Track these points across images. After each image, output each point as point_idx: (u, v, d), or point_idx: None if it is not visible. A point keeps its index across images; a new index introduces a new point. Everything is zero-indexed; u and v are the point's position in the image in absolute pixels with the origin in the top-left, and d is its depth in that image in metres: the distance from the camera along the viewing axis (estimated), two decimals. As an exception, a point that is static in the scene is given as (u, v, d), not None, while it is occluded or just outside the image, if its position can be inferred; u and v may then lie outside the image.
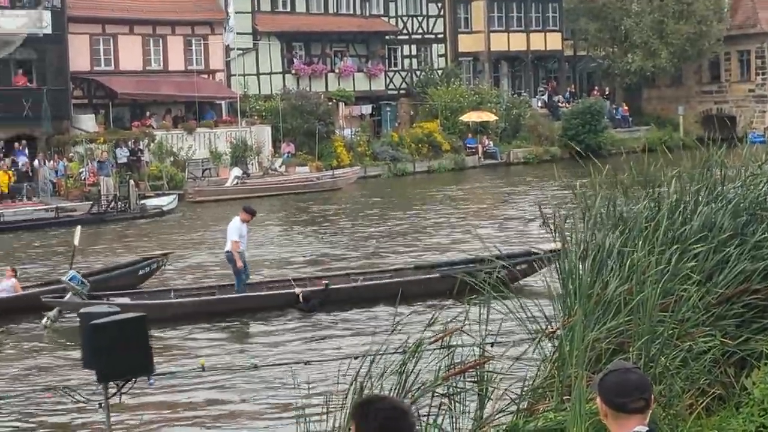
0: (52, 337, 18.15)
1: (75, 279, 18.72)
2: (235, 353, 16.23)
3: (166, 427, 12.51)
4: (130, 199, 36.84)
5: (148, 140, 43.96)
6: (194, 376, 13.87)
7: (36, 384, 14.38)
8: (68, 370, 15.27)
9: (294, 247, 27.76)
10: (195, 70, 47.69)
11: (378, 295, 18.99)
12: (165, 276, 23.21)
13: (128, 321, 8.56)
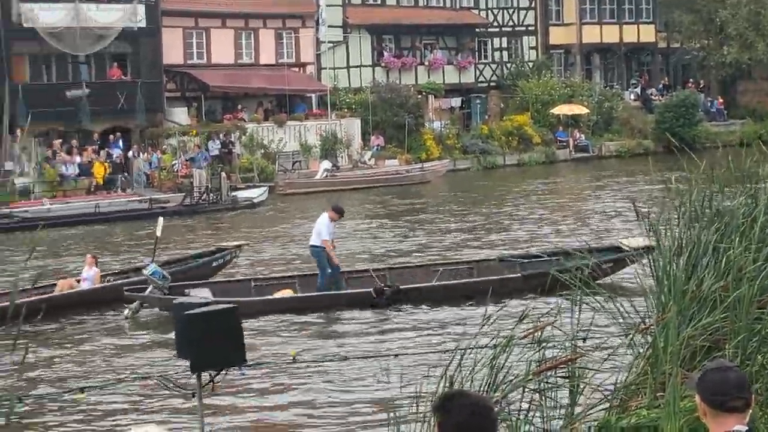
0: (134, 327, 18.36)
1: (156, 273, 18.71)
2: (325, 344, 16.30)
3: (258, 416, 12.61)
4: (221, 191, 37.29)
5: (240, 133, 44.41)
6: (285, 366, 13.97)
7: (131, 373, 14.60)
8: (155, 360, 15.48)
9: (379, 239, 27.79)
10: (286, 63, 48.02)
11: (459, 289, 18.87)
12: (250, 268, 23.40)
13: (221, 312, 8.65)
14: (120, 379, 13.84)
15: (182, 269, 20.79)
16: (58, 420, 12.63)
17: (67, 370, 15.22)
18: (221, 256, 22.22)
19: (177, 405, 12.64)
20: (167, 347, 16.23)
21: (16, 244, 28.82)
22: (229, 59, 47.08)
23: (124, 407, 13.10)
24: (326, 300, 18.76)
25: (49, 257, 25.33)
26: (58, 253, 26.92)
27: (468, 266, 20.54)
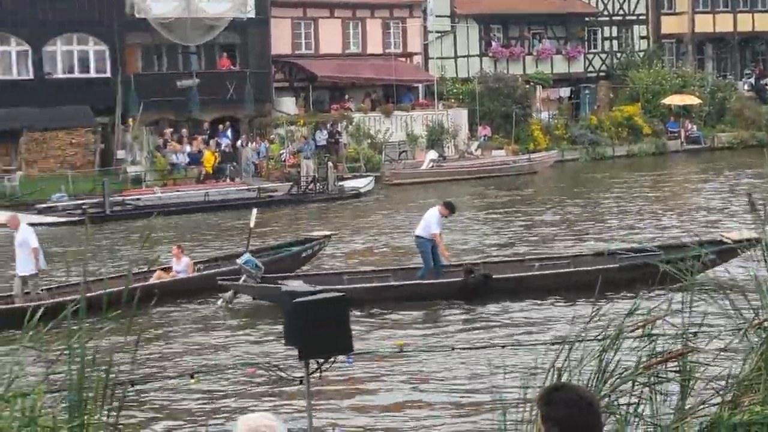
0: (230, 316, 18.48)
1: (250, 263, 18.70)
2: (429, 335, 16.29)
3: (364, 405, 12.67)
4: (328, 180, 37.53)
5: (347, 123, 44.64)
6: (392, 356, 14.01)
7: (234, 360, 14.78)
8: (254, 348, 15.64)
9: (479, 231, 27.63)
10: (393, 53, 48.09)
11: (556, 282, 18.63)
12: (350, 258, 23.49)
13: (330, 300, 8.69)
14: (229, 366, 14.03)
15: (271, 259, 20.67)
16: (168, 405, 12.85)
17: (170, 357, 15.47)
18: (310, 246, 22.23)
19: (284, 392, 12.76)
20: (265, 335, 16.42)
21: (128, 232, 29.40)
22: (337, 49, 47.34)
23: (231, 394, 13.27)
24: (420, 289, 18.66)
25: (157, 245, 25.75)
26: (165, 240, 27.36)
27: (565, 260, 20.26)
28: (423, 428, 11.83)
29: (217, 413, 12.13)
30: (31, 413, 7.60)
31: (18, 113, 39.28)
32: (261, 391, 13.16)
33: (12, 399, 7.66)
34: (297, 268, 21.33)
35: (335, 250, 25.04)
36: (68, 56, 41.69)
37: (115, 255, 24.78)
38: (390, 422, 12.04)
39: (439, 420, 12.04)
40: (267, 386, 13.20)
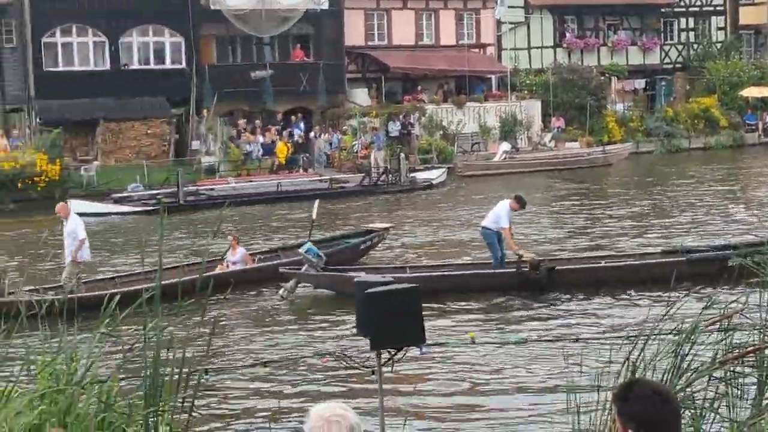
0: (291, 306, 18.48)
1: (311, 252, 18.63)
2: (501, 328, 16.22)
3: (436, 395, 12.65)
4: (400, 172, 37.50)
5: (419, 114, 44.61)
6: (464, 348, 13.97)
7: (308, 349, 14.85)
8: (319, 338, 15.69)
9: (549, 225, 27.41)
10: (466, 44, 47.93)
11: (622, 277, 18.34)
12: (417, 249, 23.43)
13: (402, 291, 8.67)
14: (301, 355, 14.10)
15: (330, 251, 20.49)
16: (240, 394, 12.95)
17: (241, 346, 15.58)
18: (369, 238, 22.18)
19: (355, 382, 12.79)
20: (336, 325, 16.46)
21: (201, 221, 29.67)
22: (410, 40, 47.31)
23: (303, 383, 13.34)
24: (483, 280, 18.48)
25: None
26: (236, 229, 27.57)
27: (632, 259, 19.82)
28: (494, 421, 11.78)
29: (289, 402, 12.19)
30: (107, 400, 7.70)
31: (95, 104, 39.86)
32: (333, 381, 13.20)
33: (89, 386, 7.76)
34: (356, 259, 21.33)
35: (403, 240, 25.06)
36: (144, 47, 42.19)
37: (186, 244, 25.02)
38: (461, 414, 12.02)
39: (511, 413, 11.99)
40: (339, 376, 13.24)
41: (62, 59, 40.83)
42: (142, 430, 7.51)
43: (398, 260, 22.07)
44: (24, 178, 35.31)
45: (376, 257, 22.48)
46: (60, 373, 7.74)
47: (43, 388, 7.65)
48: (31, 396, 7.59)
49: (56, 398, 7.55)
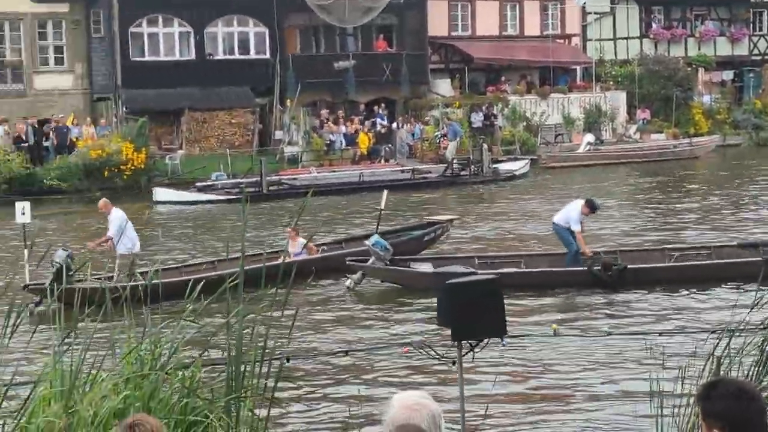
0: (358, 297, 18.40)
1: (379, 244, 18.40)
2: (581, 321, 16.07)
3: (517, 387, 12.58)
4: (483, 162, 37.35)
5: (502, 105, 44.40)
6: (546, 340, 13.88)
7: (390, 339, 14.87)
8: (411, 327, 15.68)
9: (626, 218, 27.04)
10: (550, 34, 47.56)
11: (690, 272, 17.99)
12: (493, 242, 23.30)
13: (484, 282, 8.65)
14: (382, 344, 14.13)
15: (394, 242, 20.14)
16: (321, 381, 13.00)
17: (321, 333, 15.64)
18: (433, 230, 21.96)
19: (436, 373, 12.77)
20: (416, 315, 16.43)
21: (283, 210, 29.87)
22: (494, 31, 47.09)
23: (383, 372, 13.35)
24: (552, 276, 18.25)
25: (312, 223, 26.07)
26: (319, 219, 27.70)
27: (707, 250, 19.45)
28: (575, 413, 11.69)
29: (369, 391, 12.22)
30: (190, 385, 7.78)
31: (180, 93, 40.34)
32: (413, 371, 13.20)
33: (172, 371, 7.86)
34: (419, 251, 21.12)
35: (479, 232, 25.01)
36: (229, 38, 42.58)
37: (254, 236, 25.17)
38: (542, 405, 11.94)
39: (593, 406, 11.88)
40: (419, 366, 13.23)
41: (148, 49, 41.38)
42: (225, 416, 7.58)
43: (469, 251, 21.91)
44: (110, 167, 35.85)
45: (448, 248, 22.38)
46: (144, 359, 7.84)
47: (128, 373, 7.76)
48: (116, 381, 7.70)
49: (140, 383, 7.65)
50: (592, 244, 19.71)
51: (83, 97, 41.15)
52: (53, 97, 40.41)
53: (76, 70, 41.07)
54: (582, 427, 11.22)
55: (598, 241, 21.40)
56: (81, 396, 7.39)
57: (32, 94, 40.39)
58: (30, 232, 19.01)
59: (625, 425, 11.07)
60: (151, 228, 27.56)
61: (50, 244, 17.30)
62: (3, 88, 40.23)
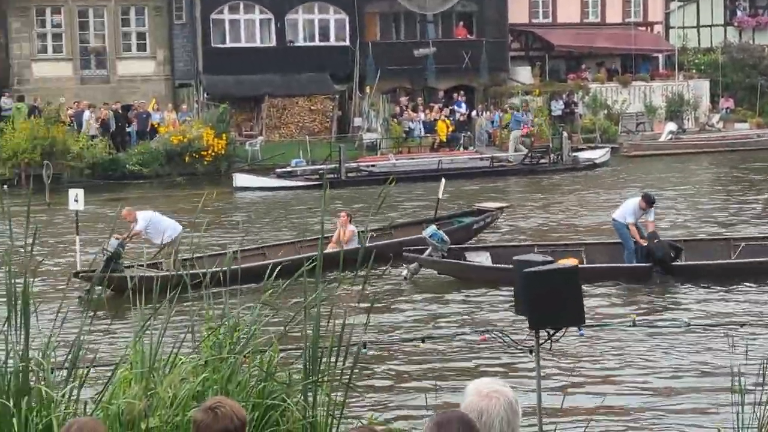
0: (441, 283, 18.26)
1: (436, 236, 18.08)
2: (665, 311, 15.85)
3: (593, 377, 12.47)
4: (562, 151, 37.07)
5: (583, 93, 44.01)
6: (624, 329, 13.75)
7: (466, 327, 14.85)
8: (486, 315, 15.63)
9: (700, 207, 26.60)
10: (632, 22, 46.97)
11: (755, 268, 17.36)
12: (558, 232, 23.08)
13: (562, 271, 8.58)
14: (459, 332, 14.11)
15: (444, 230, 19.61)
16: (398, 368, 13.02)
17: (397, 320, 15.64)
18: (482, 218, 21.62)
19: (513, 361, 12.72)
20: (494, 303, 16.36)
21: (364, 197, 29.93)
22: (575, 18, 46.66)
23: (460, 360, 13.34)
24: (606, 272, 17.76)
25: (391, 210, 26.10)
26: (393, 206, 27.74)
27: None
28: (653, 405, 11.56)
29: (445, 378, 12.21)
30: (267, 369, 7.84)
31: (261, 80, 40.61)
32: (489, 358, 13.16)
33: (251, 355, 7.93)
34: (468, 239, 20.87)
35: (554, 220, 24.81)
36: (309, 24, 42.74)
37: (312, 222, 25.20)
38: (619, 396, 11.82)
39: (671, 397, 11.73)
40: (496, 353, 13.19)
41: (229, 36, 41.71)
42: (302, 400, 7.63)
43: (537, 239, 21.67)
44: (191, 152, 36.22)
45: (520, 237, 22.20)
46: (223, 342, 7.91)
47: (207, 356, 7.84)
48: (195, 363, 7.79)
49: (219, 366, 7.73)
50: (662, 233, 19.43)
51: (165, 83, 41.64)
52: (136, 83, 40.97)
53: (158, 56, 41.57)
54: (660, 419, 11.10)
55: (672, 230, 21.13)
56: (160, 378, 7.49)
57: (115, 80, 40.98)
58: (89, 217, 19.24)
59: (704, 418, 10.93)
60: (231, 213, 27.81)
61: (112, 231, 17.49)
62: (87, 74, 40.87)
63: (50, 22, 40.61)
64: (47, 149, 34.60)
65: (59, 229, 24.64)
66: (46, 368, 7.37)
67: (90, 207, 29.63)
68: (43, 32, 40.60)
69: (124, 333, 11.75)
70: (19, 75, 40.09)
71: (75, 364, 7.52)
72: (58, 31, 40.62)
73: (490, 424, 3.97)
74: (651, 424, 10.95)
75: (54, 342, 7.61)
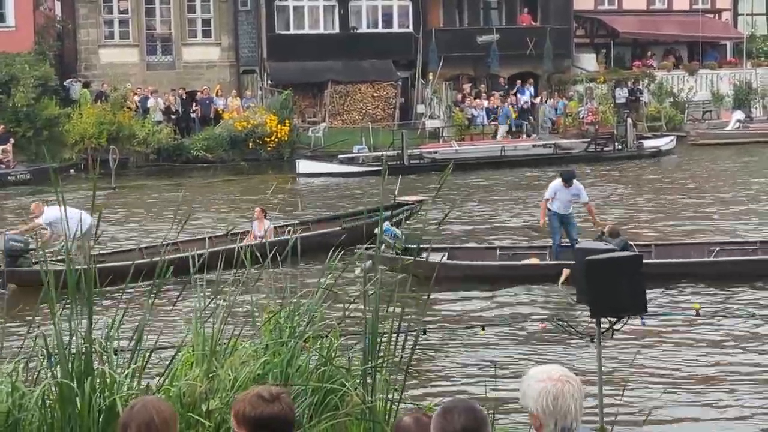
0: None
1: (388, 231, 17.47)
2: (731, 301, 15.62)
3: (656, 367, 12.34)
4: (627, 138, 36.79)
5: (648, 80, 43.57)
6: (687, 319, 13.60)
7: (526, 315, 14.79)
8: (546, 303, 15.52)
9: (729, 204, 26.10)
10: (700, 9, 46.39)
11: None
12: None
13: (625, 259, 8.52)
14: (519, 319, 14.06)
15: (357, 224, 19.21)
16: (457, 354, 13.00)
17: (454, 308, 15.60)
18: (400, 211, 20.64)
19: (574, 349, 12.64)
20: (545, 291, 16.19)
21: (425, 184, 29.91)
22: (641, 5, 46.18)
23: (519, 348, 13.29)
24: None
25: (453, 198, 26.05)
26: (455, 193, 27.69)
27: (752, 246, 17.88)
28: (716, 397, 11.42)
29: (505, 366, 12.17)
30: (327, 354, 7.87)
31: (324, 66, 40.71)
32: (549, 346, 13.09)
33: (310, 340, 7.96)
34: None
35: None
36: (373, 11, 42.74)
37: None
38: (681, 387, 11.69)
39: (736, 391, 11.57)
40: (556, 341, 13.12)
41: (293, 22, 41.85)
42: (361, 385, 7.64)
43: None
44: (255, 138, 36.47)
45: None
46: (283, 327, 7.96)
47: (267, 340, 7.89)
48: (256, 347, 7.84)
49: (279, 350, 7.77)
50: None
51: (230, 69, 41.88)
52: (201, 69, 41.25)
53: (223, 42, 41.82)
54: (723, 410, 10.97)
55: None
56: (221, 361, 7.55)
57: (181, 66, 41.30)
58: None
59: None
60: (293, 198, 27.94)
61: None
62: (153, 60, 41.24)
63: (117, 8, 41.02)
64: (113, 134, 35.06)
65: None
66: (109, 350, 7.46)
67: (154, 192, 30.06)
68: (110, 18, 41.01)
69: (183, 316, 11.85)
70: (86, 61, 40.55)
71: (138, 345, 7.60)
72: (124, 17, 41.01)
73: (566, 408, 4.00)
74: (713, 418, 10.81)
75: (117, 324, 7.69)
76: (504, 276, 16.95)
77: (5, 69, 36.16)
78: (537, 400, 4.00)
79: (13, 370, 7.38)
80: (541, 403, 3.99)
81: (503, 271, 17.26)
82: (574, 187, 17.68)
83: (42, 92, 36.19)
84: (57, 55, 40.53)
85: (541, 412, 3.99)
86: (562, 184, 17.67)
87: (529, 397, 4.04)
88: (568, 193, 17.59)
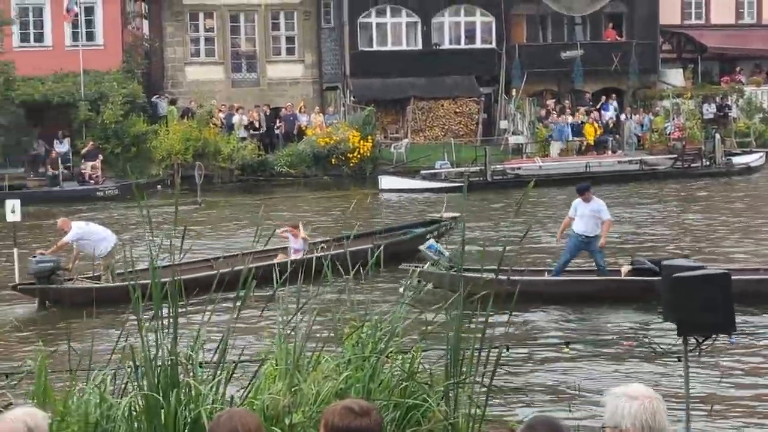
0: None
1: (432, 248, 17.24)
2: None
3: (745, 387, 12.09)
4: (715, 154, 36.29)
5: (737, 96, 42.90)
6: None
7: (612, 333, 14.61)
8: (632, 321, 15.29)
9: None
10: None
11: None
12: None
13: (712, 277, 8.37)
14: (605, 338, 13.88)
15: (390, 241, 18.67)
16: (539, 371, 12.88)
17: (539, 325, 15.47)
18: (435, 228, 20.49)
19: (660, 368, 12.45)
20: (630, 309, 15.96)
21: (508, 200, 29.79)
22: (729, 18, 45.53)
23: (604, 366, 13.12)
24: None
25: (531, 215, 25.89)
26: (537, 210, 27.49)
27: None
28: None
29: (589, 384, 12.02)
30: (410, 369, 7.85)
31: (406, 82, 40.82)
32: (636, 366, 12.90)
33: (393, 354, 7.95)
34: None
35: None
36: (455, 27, 42.76)
37: (485, 223, 25.13)
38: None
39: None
40: (641, 360, 12.93)
41: (376, 39, 42.03)
42: (443, 401, 7.61)
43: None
44: (338, 155, 36.65)
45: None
46: (366, 342, 7.96)
47: (350, 355, 7.89)
48: (339, 362, 7.85)
49: (362, 365, 7.77)
50: None
51: (313, 86, 42.19)
52: (284, 86, 41.63)
53: (307, 59, 42.15)
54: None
55: None
56: (304, 375, 7.57)
57: (265, 83, 41.71)
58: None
59: None
60: (374, 214, 27.99)
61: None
62: (238, 77, 41.71)
63: (203, 26, 41.60)
64: (199, 150, 35.51)
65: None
66: (194, 363, 7.53)
67: (238, 208, 30.35)
68: (196, 36, 41.61)
69: (256, 325, 11.91)
70: (173, 78, 41.17)
71: (223, 359, 7.66)
72: (210, 35, 41.58)
73: (663, 424, 4.06)
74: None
75: (202, 337, 7.76)
76: (581, 293, 16.71)
77: (94, 87, 36.89)
78: (635, 417, 3.99)
79: (101, 381, 7.49)
80: (639, 420, 3.98)
81: (578, 287, 17.00)
82: (594, 203, 17.31)
83: (130, 109, 36.85)
84: (144, 73, 41.22)
85: (639, 429, 3.98)
86: (579, 197, 17.33)
87: (622, 414, 4.01)
88: (588, 208, 17.17)
